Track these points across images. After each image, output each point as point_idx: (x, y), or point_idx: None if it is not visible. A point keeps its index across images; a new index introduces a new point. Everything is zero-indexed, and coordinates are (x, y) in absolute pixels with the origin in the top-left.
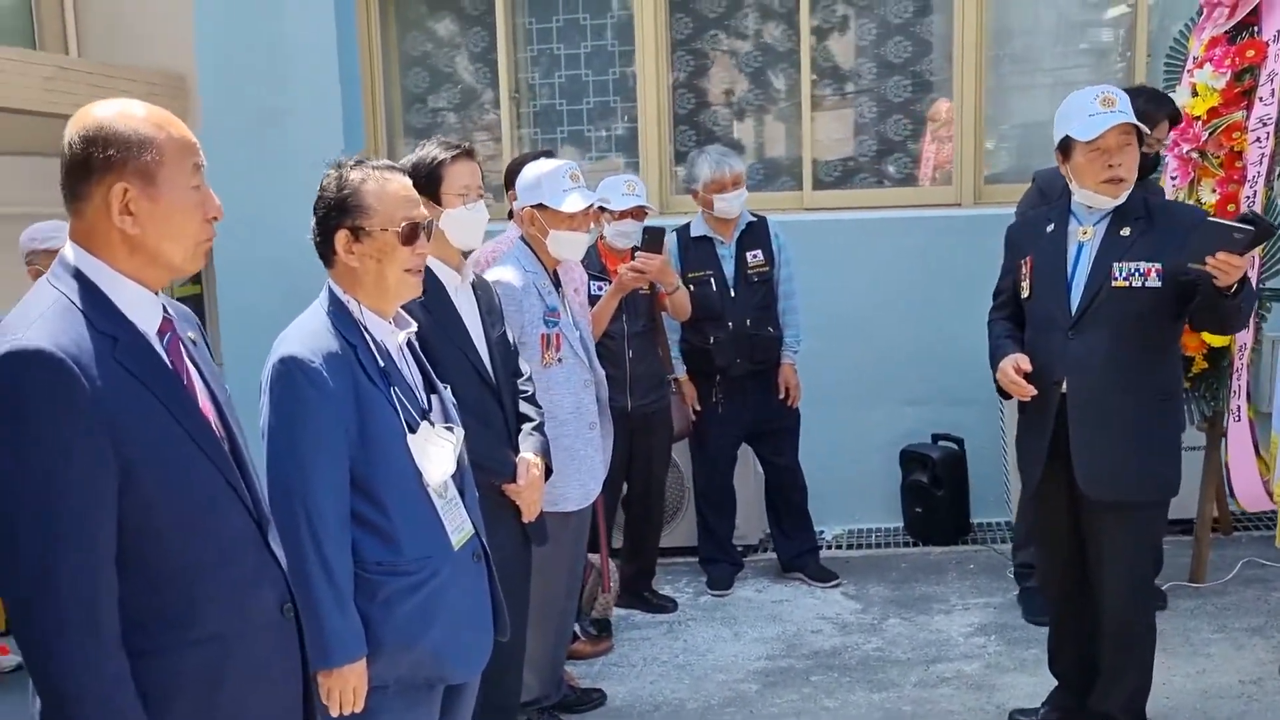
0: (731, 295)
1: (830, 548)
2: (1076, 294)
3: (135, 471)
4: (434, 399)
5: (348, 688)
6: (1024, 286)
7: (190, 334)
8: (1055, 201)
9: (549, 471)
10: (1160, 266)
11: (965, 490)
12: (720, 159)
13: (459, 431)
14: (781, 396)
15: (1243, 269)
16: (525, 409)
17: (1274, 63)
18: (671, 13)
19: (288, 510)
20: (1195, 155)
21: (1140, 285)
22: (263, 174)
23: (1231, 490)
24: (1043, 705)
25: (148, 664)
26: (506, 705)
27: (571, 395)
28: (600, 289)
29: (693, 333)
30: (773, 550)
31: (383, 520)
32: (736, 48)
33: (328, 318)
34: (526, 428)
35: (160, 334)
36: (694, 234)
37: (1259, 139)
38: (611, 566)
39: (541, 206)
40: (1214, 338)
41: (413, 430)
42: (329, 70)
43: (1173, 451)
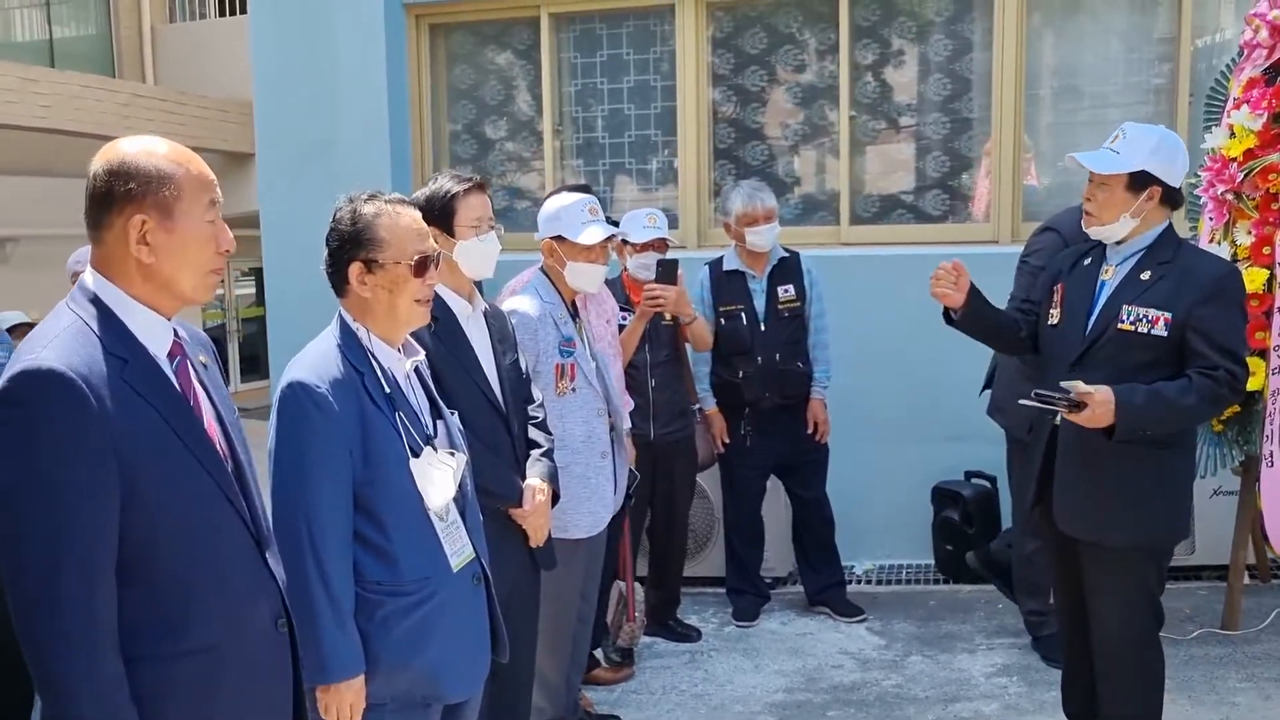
0: (762, 329)
1: (860, 583)
2: (1087, 332)
3: (138, 486)
4: (440, 424)
5: (345, 704)
6: (1053, 314)
7: (202, 358)
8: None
9: (556, 497)
10: (1169, 316)
11: (997, 529)
12: (752, 193)
13: (461, 456)
14: (810, 431)
15: (1096, 423)
16: (534, 435)
17: None
18: (714, 48)
19: (291, 528)
20: (1231, 197)
21: (1146, 332)
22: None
23: (1266, 536)
24: None
25: (142, 671)
26: None
27: (584, 424)
28: (624, 319)
29: (722, 366)
30: (800, 583)
31: (383, 541)
32: (777, 83)
33: (337, 345)
34: (534, 454)
35: (170, 357)
36: (726, 268)
37: None
38: (639, 594)
39: (560, 238)
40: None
41: (415, 454)
42: (378, 101)
43: (1162, 502)
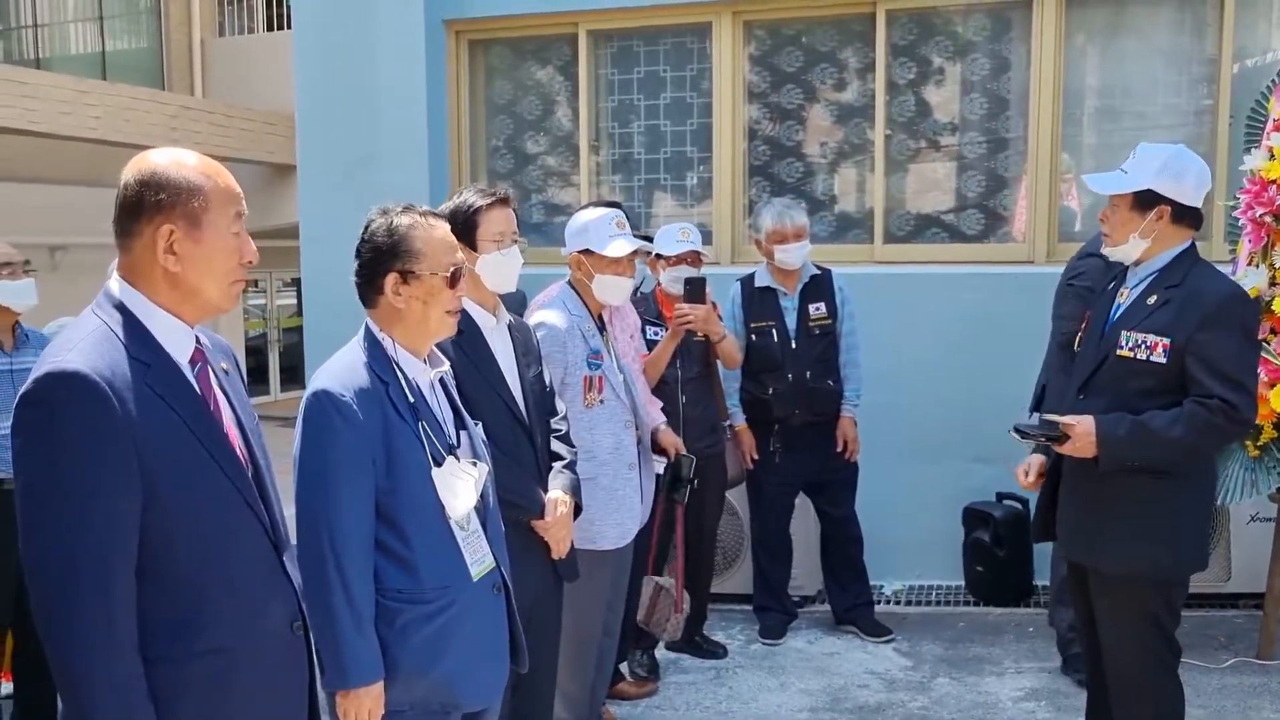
0: (793, 346)
1: (889, 602)
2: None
3: (158, 488)
4: (463, 435)
5: (363, 710)
6: (1079, 338)
7: (224, 364)
8: None
9: (579, 510)
10: (1169, 341)
11: (1028, 551)
12: (783, 211)
13: (484, 467)
14: (840, 449)
15: (1081, 454)
16: (557, 447)
17: None
18: (751, 66)
19: (313, 534)
20: (1269, 220)
21: (1144, 359)
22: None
23: None
24: None
25: (158, 670)
26: None
27: (612, 435)
28: (657, 334)
29: (752, 382)
30: (828, 602)
31: (404, 549)
32: (813, 101)
33: (363, 354)
34: (557, 466)
35: (192, 363)
36: (758, 284)
37: None
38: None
39: (588, 252)
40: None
41: (438, 464)
42: (418, 116)
43: (1166, 531)
